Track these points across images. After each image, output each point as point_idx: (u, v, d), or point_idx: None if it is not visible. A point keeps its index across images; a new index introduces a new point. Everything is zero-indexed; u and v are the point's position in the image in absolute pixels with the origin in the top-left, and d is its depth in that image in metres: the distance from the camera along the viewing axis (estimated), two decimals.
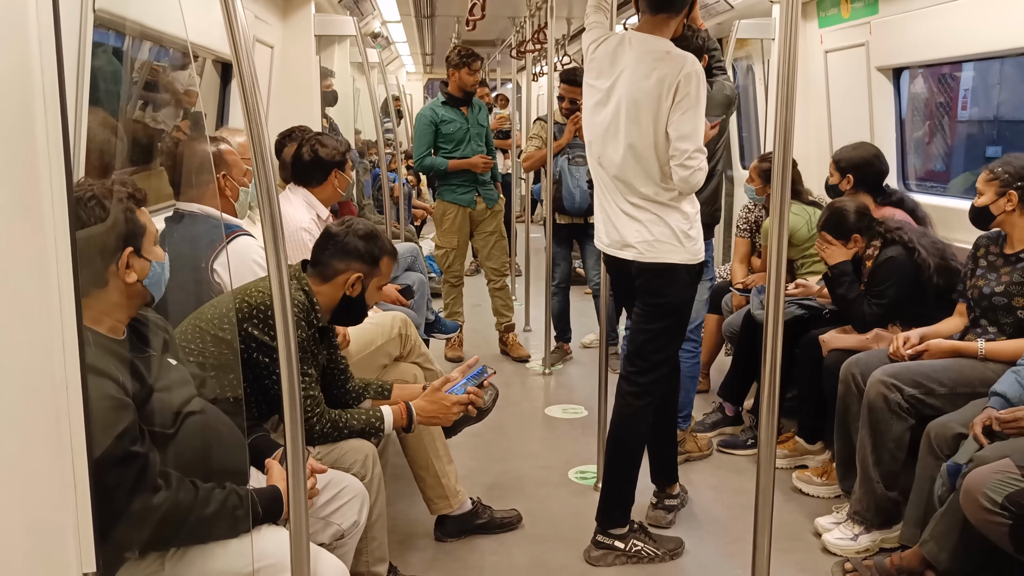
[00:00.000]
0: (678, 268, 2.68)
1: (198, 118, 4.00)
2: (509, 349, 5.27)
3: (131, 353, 1.74)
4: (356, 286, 2.30)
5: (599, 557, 2.83)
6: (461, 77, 4.83)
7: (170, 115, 3.76)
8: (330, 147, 3.27)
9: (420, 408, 2.39)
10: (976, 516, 2.20)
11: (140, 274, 1.71)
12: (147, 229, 1.74)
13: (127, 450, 1.59)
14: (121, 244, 1.68)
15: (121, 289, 1.69)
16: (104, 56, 2.63)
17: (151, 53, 3.31)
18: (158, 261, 1.75)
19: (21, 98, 1.31)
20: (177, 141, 3.70)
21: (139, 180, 2.90)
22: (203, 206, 2.51)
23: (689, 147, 2.54)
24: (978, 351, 2.81)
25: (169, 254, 1.81)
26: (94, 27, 2.23)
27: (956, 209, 3.65)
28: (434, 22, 7.98)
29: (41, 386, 1.36)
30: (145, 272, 1.72)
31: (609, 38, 2.75)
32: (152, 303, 1.80)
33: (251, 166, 2.72)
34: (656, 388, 2.82)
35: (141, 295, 1.74)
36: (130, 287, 1.70)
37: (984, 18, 3.36)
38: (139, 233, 1.72)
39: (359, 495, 2.12)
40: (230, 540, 1.72)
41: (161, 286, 1.78)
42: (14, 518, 1.35)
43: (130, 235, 1.70)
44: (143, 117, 3.41)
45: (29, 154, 1.32)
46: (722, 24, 5.20)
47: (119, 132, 2.78)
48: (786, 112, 1.61)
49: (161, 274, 1.77)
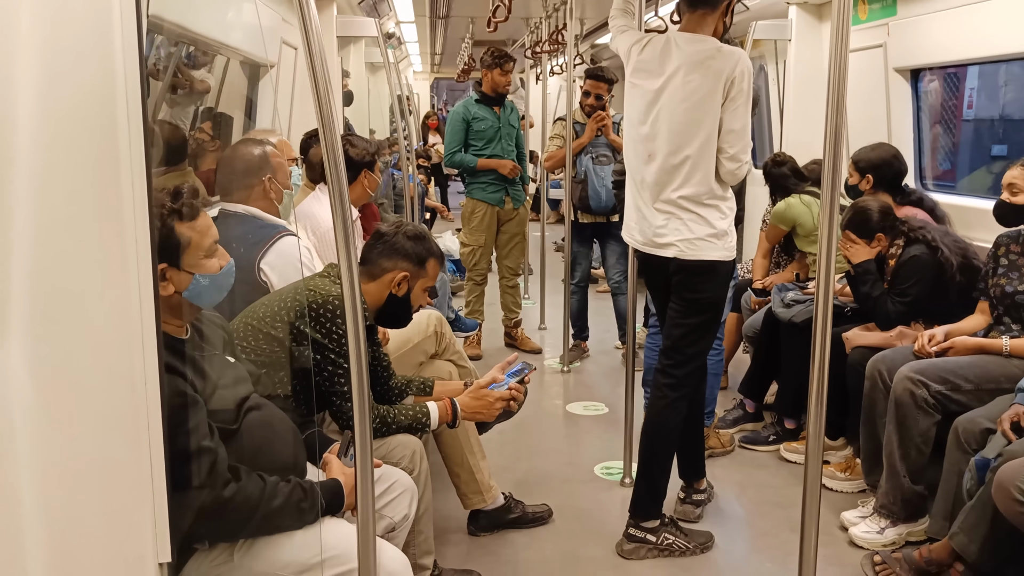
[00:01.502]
0: (717, 265, 2.74)
1: (223, 120, 4.05)
2: (519, 343, 5.39)
3: (195, 352, 1.79)
4: (402, 285, 2.35)
5: (632, 550, 2.89)
6: (494, 77, 4.94)
7: (199, 115, 3.81)
8: (360, 148, 3.32)
9: (464, 404, 2.45)
10: (1008, 508, 2.25)
11: (178, 287, 1.71)
12: (191, 242, 1.72)
13: (199, 445, 1.64)
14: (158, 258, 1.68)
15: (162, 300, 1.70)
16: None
17: (178, 52, 3.36)
18: (207, 273, 1.74)
19: (106, 104, 1.35)
20: (205, 144, 3.75)
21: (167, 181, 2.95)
22: (249, 207, 2.56)
23: (739, 142, 2.64)
24: (1003, 348, 2.86)
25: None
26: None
27: (969, 208, 3.72)
28: (448, 22, 8.02)
29: (122, 384, 1.41)
30: (184, 285, 1.71)
31: (654, 39, 2.78)
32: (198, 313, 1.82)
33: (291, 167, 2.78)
34: (691, 381, 2.88)
35: (187, 307, 1.75)
36: (169, 299, 1.70)
37: (1002, 20, 3.41)
38: (174, 248, 1.70)
39: (408, 489, 2.17)
40: (296, 532, 1.77)
41: (212, 296, 1.78)
42: (95, 510, 1.40)
43: (164, 251, 1.65)
44: (170, 117, 3.46)
45: (112, 158, 1.36)
46: (738, 25, 5.24)
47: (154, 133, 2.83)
48: (836, 116, 1.66)
49: (210, 285, 1.75)
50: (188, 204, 1.74)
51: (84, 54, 1.32)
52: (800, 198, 4.05)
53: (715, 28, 2.71)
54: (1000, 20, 3.42)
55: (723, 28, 2.73)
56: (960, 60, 3.98)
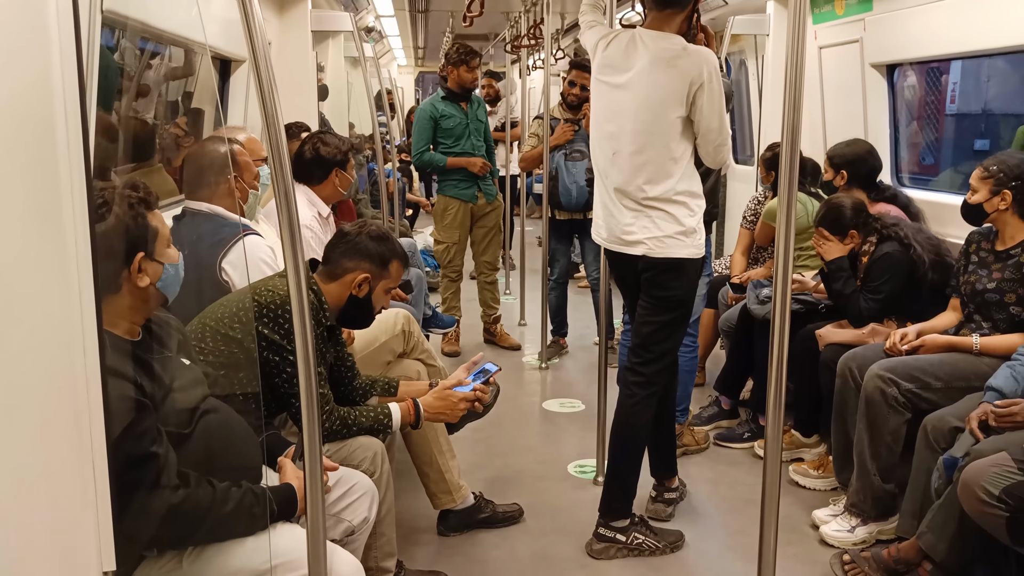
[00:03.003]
0: (685, 262, 2.73)
1: (197, 115, 4.01)
2: (498, 339, 5.38)
3: (147, 354, 1.76)
4: (363, 287, 2.31)
5: (601, 550, 2.87)
6: (460, 74, 4.91)
7: (168, 111, 3.76)
8: (332, 146, 3.29)
9: (428, 405, 2.42)
10: (974, 508, 2.25)
11: (153, 277, 1.71)
12: (159, 232, 1.74)
13: (146, 450, 1.61)
14: (133, 249, 1.68)
15: (135, 293, 1.69)
16: (101, 51, 2.64)
17: (148, 48, 3.32)
18: (171, 263, 1.76)
19: (42, 102, 1.32)
20: (180, 139, 3.72)
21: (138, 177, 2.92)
22: (212, 205, 2.53)
23: (719, 137, 2.67)
24: (973, 346, 2.85)
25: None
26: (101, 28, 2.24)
27: (945, 204, 3.71)
28: (428, 16, 7.98)
29: (62, 388, 1.38)
30: (158, 275, 1.72)
31: (619, 35, 2.77)
32: (166, 304, 1.82)
33: (259, 168, 2.75)
34: (660, 379, 2.87)
35: (155, 298, 1.75)
36: (143, 291, 1.70)
37: (978, 16, 3.39)
38: (151, 237, 1.72)
39: (369, 492, 2.14)
40: (247, 538, 1.74)
41: (176, 287, 1.80)
42: (35, 518, 1.37)
43: (141, 239, 1.69)
44: (140, 113, 3.41)
45: (50, 158, 1.33)
46: (716, 19, 5.23)
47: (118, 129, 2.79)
48: (793, 114, 1.65)
49: (175, 275, 1.79)
50: (151, 193, 1.73)
51: (16, 51, 1.28)
52: (806, 199, 4.02)
53: (680, 28, 2.69)
54: (976, 15, 3.40)
55: (687, 27, 2.71)
56: (936, 56, 3.98)
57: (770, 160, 4.25)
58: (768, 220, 4.10)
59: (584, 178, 4.58)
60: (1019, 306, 2.82)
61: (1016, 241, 2.86)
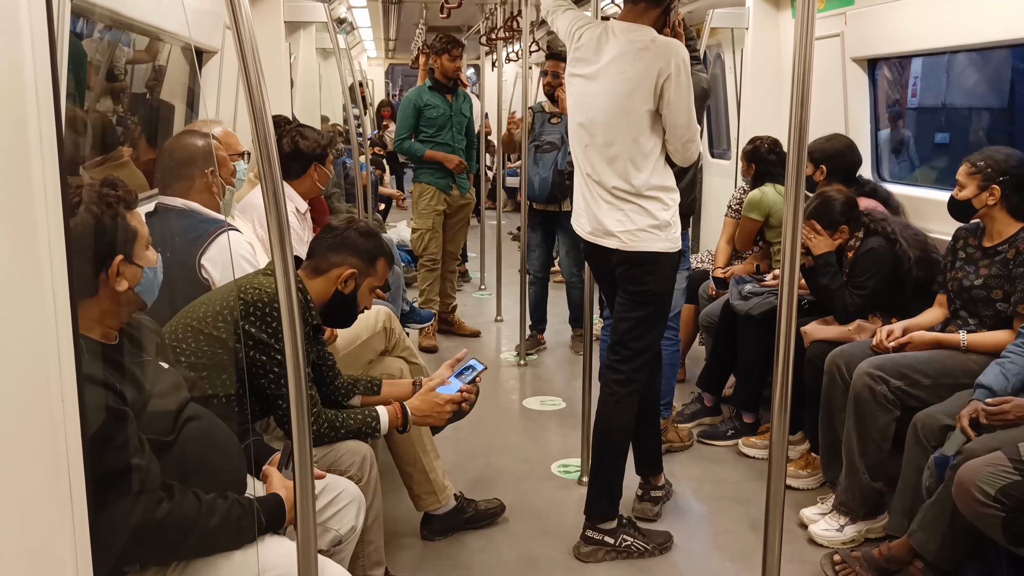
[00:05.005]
0: (659, 256, 2.69)
1: (169, 109, 3.90)
2: (456, 328, 5.43)
3: (125, 359, 1.67)
4: (349, 283, 2.25)
5: (589, 553, 2.82)
6: (442, 63, 4.95)
7: (137, 103, 3.65)
8: (311, 140, 3.20)
9: (415, 408, 2.36)
10: (969, 508, 2.23)
11: (132, 281, 1.62)
12: (138, 233, 1.66)
13: (126, 461, 1.53)
14: (110, 251, 1.60)
15: (112, 297, 1.61)
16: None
17: (115, 39, 3.21)
18: (150, 266, 1.68)
19: (13, 95, 1.24)
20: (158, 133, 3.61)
21: (106, 171, 2.81)
22: (188, 201, 2.44)
23: (686, 134, 2.63)
24: (960, 343, 2.84)
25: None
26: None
27: (924, 199, 3.71)
28: (400, 8, 7.87)
29: (35, 397, 1.30)
30: (137, 278, 1.64)
31: (592, 25, 2.74)
32: (145, 308, 1.73)
33: (235, 163, 2.66)
34: (640, 376, 2.82)
35: (134, 302, 1.67)
36: (122, 295, 1.62)
37: (959, 11, 3.39)
38: (129, 238, 1.64)
39: (356, 499, 2.07)
40: (234, 552, 1.67)
41: (155, 290, 1.72)
42: (7, 536, 1.29)
43: (120, 241, 1.61)
44: (108, 106, 3.30)
45: (22, 154, 1.25)
46: (694, 12, 5.19)
47: (86, 122, 2.69)
48: (801, 110, 1.60)
49: (154, 279, 1.70)
50: (130, 192, 1.65)
51: None
52: (775, 187, 4.00)
53: (655, 24, 2.66)
54: (957, 10, 3.39)
55: (661, 25, 2.68)
56: (917, 50, 3.97)
57: (750, 153, 4.21)
58: (748, 212, 4.07)
59: (549, 170, 4.61)
60: (1006, 302, 2.81)
61: (1004, 237, 2.85)
